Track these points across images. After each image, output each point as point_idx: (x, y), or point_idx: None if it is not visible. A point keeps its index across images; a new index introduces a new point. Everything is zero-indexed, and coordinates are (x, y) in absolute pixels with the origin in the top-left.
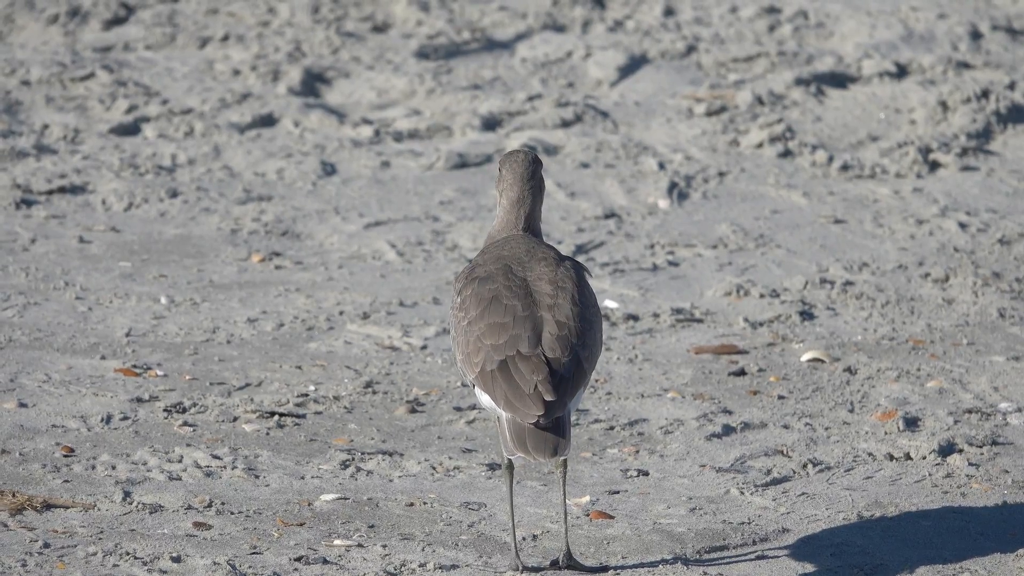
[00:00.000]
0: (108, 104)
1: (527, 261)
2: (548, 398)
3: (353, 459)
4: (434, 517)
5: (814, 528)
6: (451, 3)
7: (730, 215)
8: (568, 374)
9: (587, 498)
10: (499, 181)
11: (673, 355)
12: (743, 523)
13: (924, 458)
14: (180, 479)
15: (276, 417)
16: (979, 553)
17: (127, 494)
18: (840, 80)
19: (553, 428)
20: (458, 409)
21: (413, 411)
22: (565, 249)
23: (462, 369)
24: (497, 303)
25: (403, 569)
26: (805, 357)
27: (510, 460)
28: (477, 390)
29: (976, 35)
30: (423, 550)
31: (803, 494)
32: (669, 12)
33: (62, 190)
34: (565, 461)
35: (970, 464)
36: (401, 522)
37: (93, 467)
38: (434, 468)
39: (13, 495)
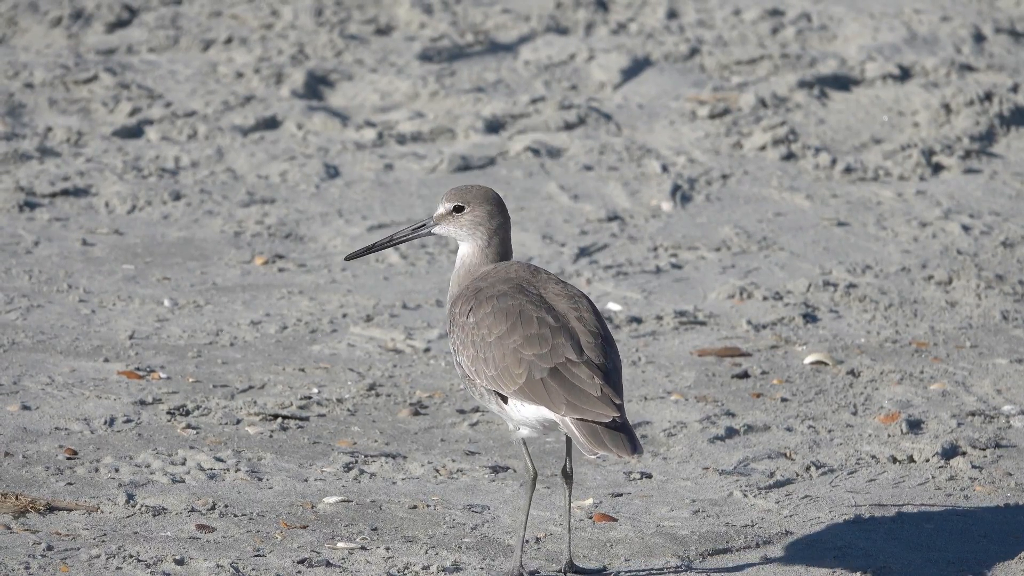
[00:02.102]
0: (111, 107)
1: (535, 281)
2: (617, 401)
3: (356, 461)
4: (437, 520)
5: (817, 530)
6: (454, 6)
7: (733, 218)
8: (615, 377)
9: (590, 500)
10: (466, 216)
11: (676, 357)
12: (746, 526)
13: (927, 460)
14: (183, 481)
15: (279, 419)
16: (982, 555)
17: (130, 496)
18: (843, 83)
19: (622, 427)
20: (461, 412)
21: (416, 414)
22: (568, 252)
23: (493, 384)
24: (527, 316)
25: (406, 572)
26: (808, 359)
27: (535, 471)
28: (515, 403)
29: (979, 37)
30: (426, 553)
31: (806, 496)
32: (672, 15)
33: (65, 193)
34: (572, 474)
35: (973, 467)
36: (404, 525)
37: (96, 469)
38: (437, 471)
39: (16, 497)
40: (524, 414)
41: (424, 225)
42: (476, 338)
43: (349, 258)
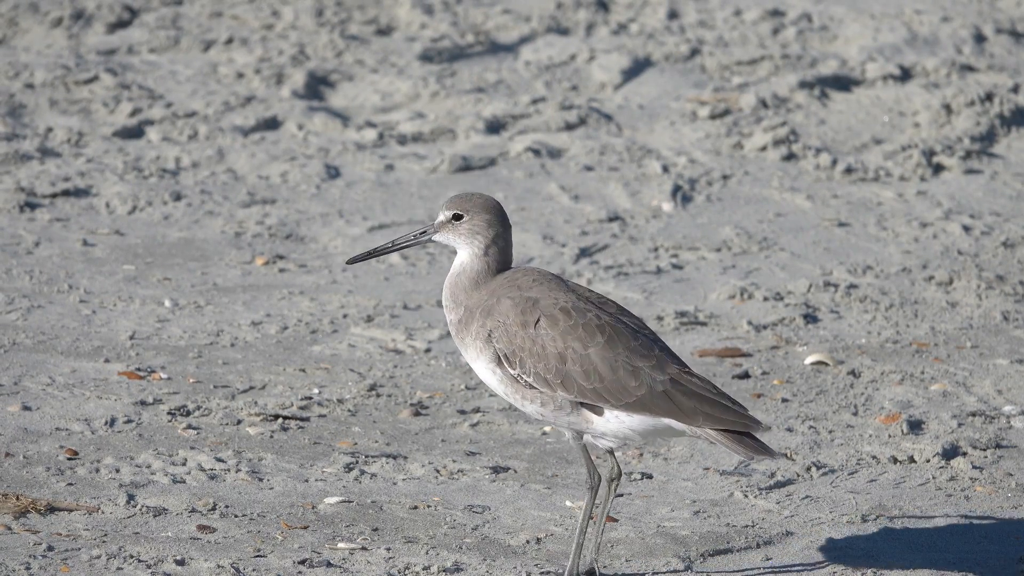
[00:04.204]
0: (112, 107)
1: (573, 290)
2: (749, 411)
3: (357, 462)
4: (438, 520)
5: (818, 531)
6: (455, 6)
7: (734, 218)
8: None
9: None
10: (464, 225)
11: None
12: (747, 526)
13: (928, 461)
14: (184, 482)
15: (280, 420)
16: (983, 556)
17: (131, 497)
18: (844, 83)
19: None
20: (462, 412)
21: (417, 414)
22: (569, 252)
23: (595, 397)
24: (615, 328)
25: (407, 572)
26: (809, 360)
27: (599, 477)
28: (615, 415)
29: (980, 38)
30: (427, 553)
31: (807, 497)
32: (673, 15)
33: (66, 193)
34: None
35: (974, 467)
36: (405, 525)
37: (97, 470)
38: (438, 471)
39: (17, 498)
40: (628, 424)
41: (425, 232)
42: (563, 351)
43: (351, 262)
